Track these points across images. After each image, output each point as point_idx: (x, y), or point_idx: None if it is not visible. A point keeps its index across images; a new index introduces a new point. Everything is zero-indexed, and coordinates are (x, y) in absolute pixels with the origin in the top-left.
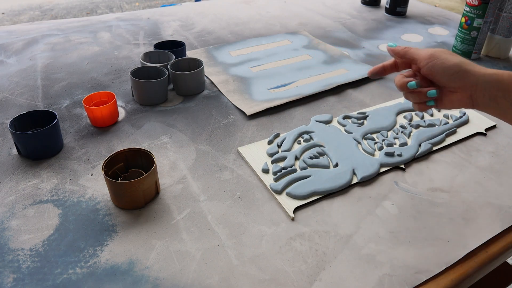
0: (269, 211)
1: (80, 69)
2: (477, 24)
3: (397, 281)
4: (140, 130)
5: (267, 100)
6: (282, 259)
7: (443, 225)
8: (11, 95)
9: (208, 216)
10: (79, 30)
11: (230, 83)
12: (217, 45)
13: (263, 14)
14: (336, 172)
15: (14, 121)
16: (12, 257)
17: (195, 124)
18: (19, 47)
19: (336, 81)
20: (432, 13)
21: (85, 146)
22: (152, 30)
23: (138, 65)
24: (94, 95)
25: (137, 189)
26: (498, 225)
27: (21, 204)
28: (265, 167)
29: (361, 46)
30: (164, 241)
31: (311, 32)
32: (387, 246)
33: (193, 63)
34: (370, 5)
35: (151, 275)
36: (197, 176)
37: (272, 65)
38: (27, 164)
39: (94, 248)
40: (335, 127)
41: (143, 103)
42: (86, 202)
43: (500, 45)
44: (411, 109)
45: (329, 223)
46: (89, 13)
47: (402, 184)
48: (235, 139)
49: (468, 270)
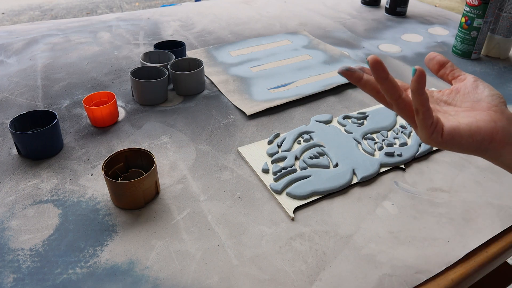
0: (269, 211)
1: (80, 69)
2: (477, 24)
3: (397, 281)
4: (140, 130)
5: (267, 100)
6: (282, 259)
7: (443, 225)
8: (11, 95)
9: (208, 216)
10: (79, 30)
11: (230, 83)
12: (217, 45)
13: (263, 14)
14: (336, 172)
15: (14, 121)
16: (12, 257)
17: (195, 124)
18: (19, 47)
19: (336, 81)
20: (432, 13)
21: (85, 146)
22: (152, 30)
23: (138, 65)
24: (94, 95)
25: (137, 189)
26: (498, 225)
27: (21, 204)
28: (265, 167)
29: (361, 46)
30: (164, 241)
31: (311, 32)
32: (387, 246)
33: (193, 63)
34: (370, 5)
35: (151, 275)
36: (197, 176)
37: (272, 65)
38: (27, 164)
39: (94, 248)
40: (335, 127)
41: (143, 103)
42: (86, 202)
43: (500, 45)
44: None
45: (329, 223)
46: (89, 13)
47: (402, 184)
48: (235, 139)
49: (468, 270)
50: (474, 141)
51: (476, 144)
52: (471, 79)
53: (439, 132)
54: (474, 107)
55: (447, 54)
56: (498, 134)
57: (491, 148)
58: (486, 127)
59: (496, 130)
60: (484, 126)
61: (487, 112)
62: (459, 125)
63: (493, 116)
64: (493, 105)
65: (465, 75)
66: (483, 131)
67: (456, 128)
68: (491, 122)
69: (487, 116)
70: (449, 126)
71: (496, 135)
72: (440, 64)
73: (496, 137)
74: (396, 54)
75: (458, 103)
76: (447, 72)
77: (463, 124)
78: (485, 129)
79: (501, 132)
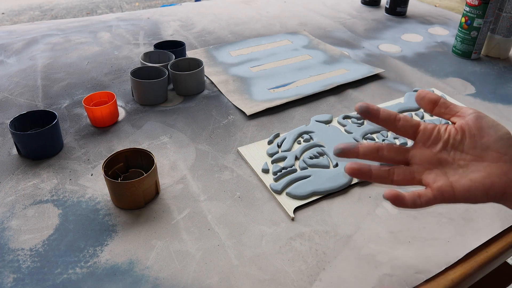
0: (269, 211)
1: (80, 69)
2: (477, 24)
3: (397, 281)
4: (140, 130)
5: (267, 100)
6: (282, 259)
7: (443, 225)
8: (11, 95)
9: (208, 216)
10: (79, 30)
11: (230, 83)
12: (217, 45)
13: (263, 14)
14: (336, 172)
15: (14, 121)
16: (12, 257)
17: (195, 124)
18: (19, 47)
19: (336, 81)
20: (432, 13)
21: (85, 146)
22: (152, 30)
23: (138, 65)
24: (94, 95)
25: (137, 189)
26: (498, 225)
27: (21, 204)
28: (265, 167)
29: (361, 46)
30: (164, 241)
31: (311, 32)
32: (387, 246)
33: (193, 63)
34: (370, 5)
35: (151, 275)
36: (197, 176)
37: (272, 65)
38: (27, 164)
39: (94, 248)
40: (335, 127)
41: (143, 103)
42: (86, 202)
43: (500, 45)
44: (411, 109)
45: (329, 223)
46: (89, 13)
47: None
48: (235, 139)
49: (468, 270)
50: (488, 197)
51: (490, 199)
52: (472, 117)
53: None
54: (483, 156)
55: (447, 54)
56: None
57: (504, 198)
58: (500, 182)
59: (508, 183)
60: (497, 181)
61: (498, 165)
62: (473, 184)
63: (504, 168)
64: (503, 154)
65: (463, 109)
66: (496, 187)
67: (468, 188)
68: (503, 176)
69: (498, 170)
70: (461, 187)
71: (509, 188)
72: (432, 103)
73: (509, 190)
74: (396, 54)
75: (466, 149)
76: (442, 111)
77: (476, 183)
78: (498, 184)
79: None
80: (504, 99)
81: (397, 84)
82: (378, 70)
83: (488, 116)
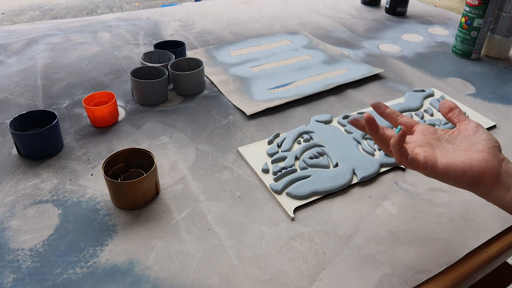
0: (269, 211)
1: (80, 69)
2: (477, 24)
3: (397, 281)
4: (140, 130)
5: (267, 100)
6: (282, 259)
7: (443, 225)
8: (11, 95)
9: (208, 216)
10: (79, 30)
11: (230, 83)
12: (217, 45)
13: (263, 14)
14: (336, 172)
15: (14, 121)
16: (12, 257)
17: (195, 124)
18: (19, 47)
19: (336, 81)
20: (432, 13)
21: (85, 146)
22: (152, 30)
23: (138, 65)
24: (94, 95)
25: (137, 189)
26: (498, 225)
27: (21, 204)
28: (265, 167)
29: (361, 46)
30: (164, 241)
31: (311, 32)
32: (387, 246)
33: (193, 63)
34: (370, 5)
35: (151, 275)
36: (197, 176)
37: (272, 65)
38: (27, 164)
39: (94, 248)
40: (335, 127)
41: (143, 103)
42: (86, 202)
43: (500, 45)
44: (411, 109)
45: (329, 223)
46: (89, 13)
47: (402, 184)
48: (235, 139)
49: (468, 270)
50: (466, 177)
51: (468, 180)
52: (473, 125)
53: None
54: (470, 148)
55: (447, 54)
56: (488, 173)
57: (482, 185)
58: (478, 166)
59: (487, 169)
60: (476, 164)
61: (481, 153)
62: (454, 162)
63: (486, 156)
64: (488, 148)
65: (469, 120)
66: (474, 169)
67: (451, 164)
68: (483, 161)
69: (480, 156)
70: (445, 161)
71: (486, 173)
72: (450, 109)
73: (486, 176)
74: (396, 54)
75: (458, 143)
76: (454, 115)
77: (457, 161)
78: (476, 167)
79: (491, 171)
80: (504, 99)
81: (397, 84)
82: (378, 70)
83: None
